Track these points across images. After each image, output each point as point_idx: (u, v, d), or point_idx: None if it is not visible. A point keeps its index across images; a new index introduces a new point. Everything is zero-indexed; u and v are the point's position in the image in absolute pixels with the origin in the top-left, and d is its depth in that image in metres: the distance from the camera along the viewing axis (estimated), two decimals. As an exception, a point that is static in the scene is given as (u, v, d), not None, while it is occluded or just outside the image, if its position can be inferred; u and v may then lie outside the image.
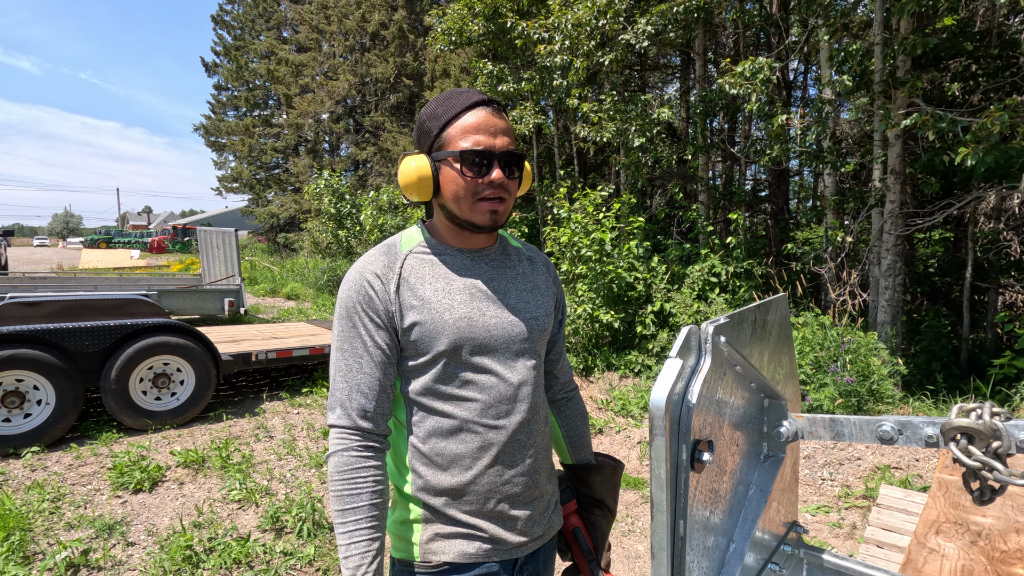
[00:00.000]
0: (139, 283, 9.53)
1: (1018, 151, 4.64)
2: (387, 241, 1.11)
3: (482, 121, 1.02)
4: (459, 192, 1.02)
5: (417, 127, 1.08)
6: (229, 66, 26.93)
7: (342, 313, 1.03)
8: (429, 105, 1.07)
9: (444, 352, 1.01)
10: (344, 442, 0.98)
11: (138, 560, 2.76)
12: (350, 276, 1.04)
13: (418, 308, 1.01)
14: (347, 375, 1.00)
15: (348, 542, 0.96)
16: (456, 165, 1.01)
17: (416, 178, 1.03)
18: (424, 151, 1.07)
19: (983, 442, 0.91)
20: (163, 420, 4.54)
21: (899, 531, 2.45)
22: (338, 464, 0.98)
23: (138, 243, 36.81)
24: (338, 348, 1.02)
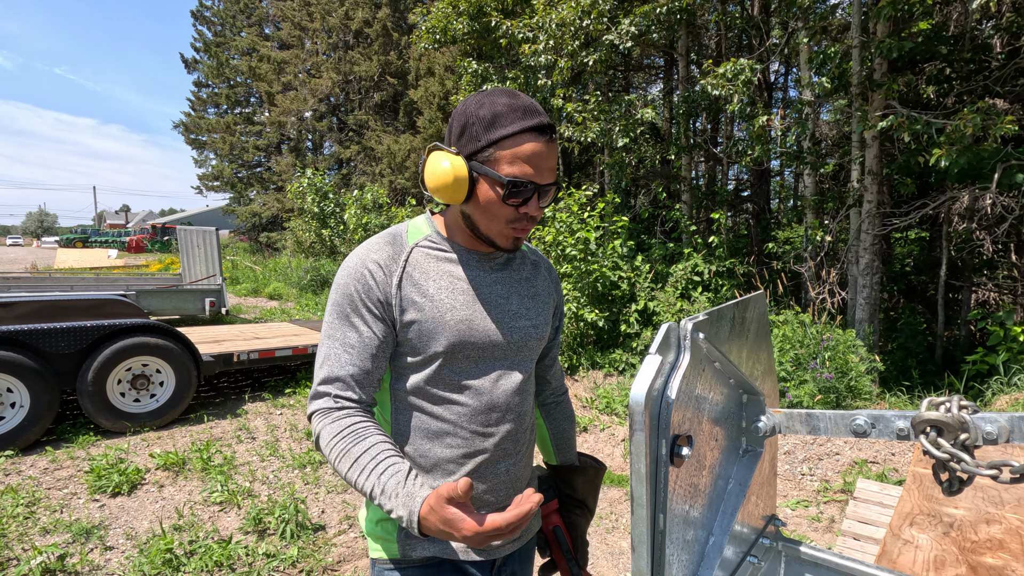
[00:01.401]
0: (117, 283, 9.34)
1: (990, 153, 4.76)
2: (392, 230, 1.06)
3: (537, 153, 0.95)
4: (492, 213, 0.98)
5: (461, 123, 0.97)
6: (209, 63, 26.51)
7: (338, 300, 0.98)
8: (482, 104, 0.95)
9: (440, 353, 0.99)
10: (335, 411, 0.94)
11: (117, 564, 2.71)
12: (350, 262, 0.99)
13: (419, 305, 0.98)
14: (336, 362, 0.96)
15: (382, 480, 0.88)
16: (498, 189, 0.95)
17: (452, 181, 0.95)
18: (462, 154, 0.97)
19: (952, 434, 0.94)
20: (142, 422, 4.47)
21: (875, 523, 2.50)
22: (334, 429, 0.92)
23: (116, 242, 36.09)
24: (329, 335, 0.98)
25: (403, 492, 0.86)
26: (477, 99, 0.96)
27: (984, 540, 1.95)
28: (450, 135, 1.00)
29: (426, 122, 16.31)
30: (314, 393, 0.97)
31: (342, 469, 0.91)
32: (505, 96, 0.96)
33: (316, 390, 0.96)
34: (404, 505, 0.85)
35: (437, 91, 15.73)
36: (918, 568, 1.80)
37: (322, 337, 0.99)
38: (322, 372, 0.96)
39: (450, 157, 0.95)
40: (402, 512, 0.85)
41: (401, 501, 0.86)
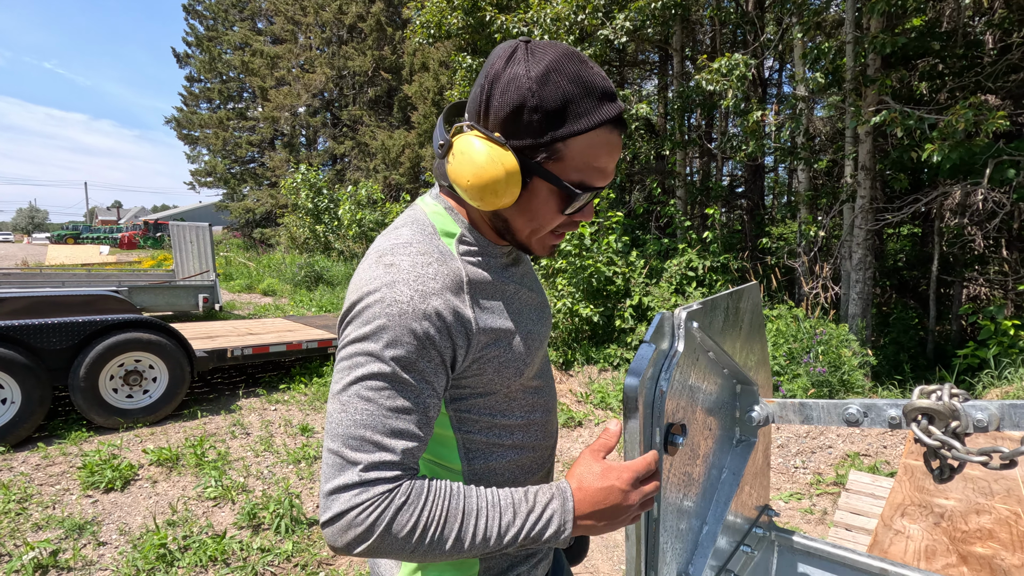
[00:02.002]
0: (109, 279, 9.28)
1: (981, 148, 4.79)
2: (418, 235, 0.78)
3: (611, 152, 0.74)
4: (540, 221, 0.78)
5: (513, 102, 0.69)
6: (202, 57, 26.31)
7: (391, 349, 0.68)
8: (546, 79, 0.69)
9: (519, 380, 0.83)
10: (385, 494, 0.67)
11: (110, 560, 2.70)
12: (403, 296, 0.69)
13: (493, 337, 0.78)
14: (387, 436, 0.68)
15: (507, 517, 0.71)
16: (553, 198, 0.75)
17: (501, 184, 0.71)
18: (511, 145, 0.72)
19: (943, 422, 0.95)
20: (135, 418, 4.44)
21: (867, 514, 2.53)
22: (406, 511, 0.67)
23: (108, 239, 35.83)
24: (368, 398, 0.68)
25: (539, 494, 0.74)
26: (537, 68, 0.69)
27: (974, 530, 1.98)
28: (489, 111, 0.72)
29: (420, 117, 16.26)
30: (356, 482, 0.66)
31: (448, 533, 0.68)
32: (575, 65, 0.70)
33: (362, 477, 0.66)
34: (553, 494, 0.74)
35: (432, 86, 15.68)
36: (909, 558, 1.82)
37: (346, 394, 0.69)
38: (364, 452, 0.67)
39: (496, 149, 0.71)
40: (555, 507, 0.73)
41: (543, 501, 0.73)
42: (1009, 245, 7.52)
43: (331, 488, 0.67)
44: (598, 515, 0.74)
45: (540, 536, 0.72)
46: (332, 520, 0.66)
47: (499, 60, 0.72)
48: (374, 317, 0.69)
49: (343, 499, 0.66)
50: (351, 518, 0.65)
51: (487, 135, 0.72)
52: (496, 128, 0.72)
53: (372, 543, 0.66)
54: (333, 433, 0.69)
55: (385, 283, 0.70)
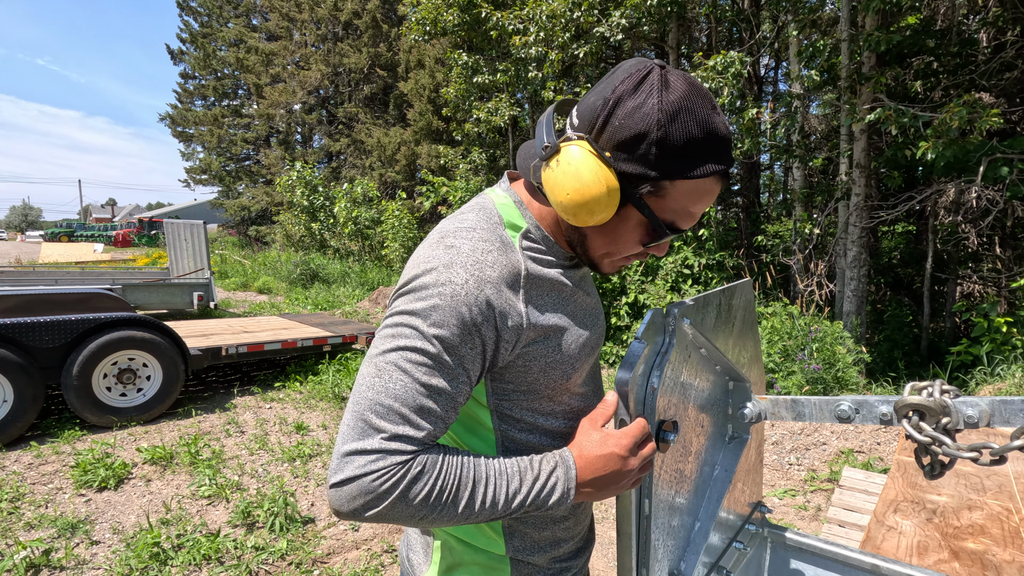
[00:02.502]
0: (103, 277, 9.23)
1: (975, 146, 4.81)
2: (483, 222, 0.78)
3: (710, 198, 0.75)
4: (618, 246, 0.79)
5: (635, 129, 0.68)
6: (196, 54, 26.16)
7: (431, 330, 0.68)
8: (676, 115, 0.67)
9: (566, 383, 0.83)
10: (400, 464, 0.66)
11: (103, 559, 2.69)
12: (459, 278, 0.69)
13: (545, 334, 0.78)
14: (416, 412, 0.68)
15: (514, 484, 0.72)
16: (640, 229, 0.76)
17: (602, 203, 0.70)
18: (617, 167, 0.70)
19: (933, 418, 0.95)
20: (129, 417, 4.42)
21: (860, 510, 2.54)
22: (420, 481, 0.67)
23: (102, 237, 35.65)
24: (404, 369, 0.68)
25: (544, 463, 0.75)
26: (667, 99, 0.67)
27: (966, 526, 1.98)
28: (606, 128, 0.70)
29: (416, 115, 16.22)
30: (376, 449, 0.65)
31: (459, 499, 0.69)
32: (706, 109, 0.69)
33: (382, 445, 0.66)
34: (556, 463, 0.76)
35: (427, 83, 15.64)
36: (901, 553, 1.82)
37: (384, 363, 0.69)
38: (390, 422, 0.66)
39: (604, 171, 0.69)
40: (558, 475, 0.75)
41: (548, 470, 0.75)
42: (1002, 243, 7.56)
43: (348, 450, 0.66)
44: (599, 481, 0.77)
45: (545, 503, 0.74)
46: (343, 483, 0.65)
47: (629, 80, 0.69)
48: (427, 295, 0.69)
49: (358, 463, 0.65)
50: (363, 484, 0.65)
51: (597, 152, 0.70)
52: (608, 147, 0.71)
53: (381, 510, 0.66)
54: (362, 396, 0.68)
55: (443, 263, 0.71)
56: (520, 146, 0.85)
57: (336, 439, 0.69)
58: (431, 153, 15.17)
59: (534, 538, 0.88)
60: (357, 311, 9.52)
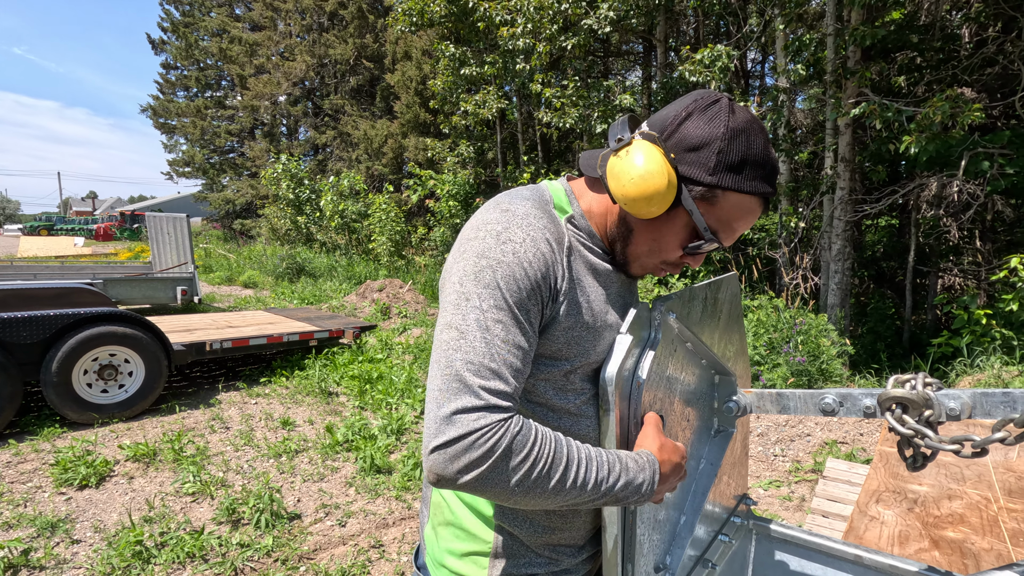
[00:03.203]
0: (83, 271, 9.06)
1: (957, 141, 4.87)
2: (535, 195, 0.84)
3: (749, 220, 0.83)
4: (659, 245, 0.84)
5: (702, 136, 0.76)
6: (178, 44, 25.67)
7: (503, 282, 0.72)
8: (738, 134, 0.76)
9: (587, 364, 0.84)
10: (503, 422, 0.67)
11: (84, 558, 2.65)
12: (517, 237, 0.74)
13: (580, 305, 0.81)
14: (508, 368, 0.70)
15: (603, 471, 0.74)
16: (685, 232, 0.82)
17: (657, 196, 0.76)
18: (678, 168, 0.78)
19: (916, 411, 0.95)
20: (111, 413, 4.35)
21: (843, 501, 2.57)
22: (519, 443, 0.67)
23: (83, 230, 34.98)
24: (487, 327, 0.70)
25: (631, 461, 0.79)
26: (733, 122, 0.76)
27: (946, 515, 2.02)
28: (675, 134, 0.78)
29: (403, 107, 16.08)
30: (477, 406, 0.67)
31: (554, 472, 0.70)
32: (763, 139, 0.78)
33: (485, 401, 0.67)
34: (645, 464, 0.79)
35: (414, 75, 15.49)
36: (883, 543, 1.85)
37: (465, 324, 0.71)
38: (485, 378, 0.68)
39: (667, 168, 0.76)
40: (645, 467, 0.79)
41: (633, 458, 0.79)
42: (983, 236, 7.69)
43: (452, 410, 0.66)
44: (667, 486, 0.83)
45: (626, 498, 0.77)
46: (450, 442, 0.65)
47: (701, 101, 0.79)
48: (492, 255, 0.73)
49: (465, 421, 0.66)
50: (471, 441, 0.65)
51: (664, 151, 0.78)
52: (674, 151, 0.78)
53: (484, 471, 0.66)
54: (450, 359, 0.69)
55: (502, 225, 0.76)
56: (582, 153, 0.92)
57: (428, 406, 0.69)
58: (418, 146, 15.06)
59: (524, 512, 0.87)
60: (344, 305, 9.45)
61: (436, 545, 0.92)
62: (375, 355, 6.18)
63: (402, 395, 4.99)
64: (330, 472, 3.64)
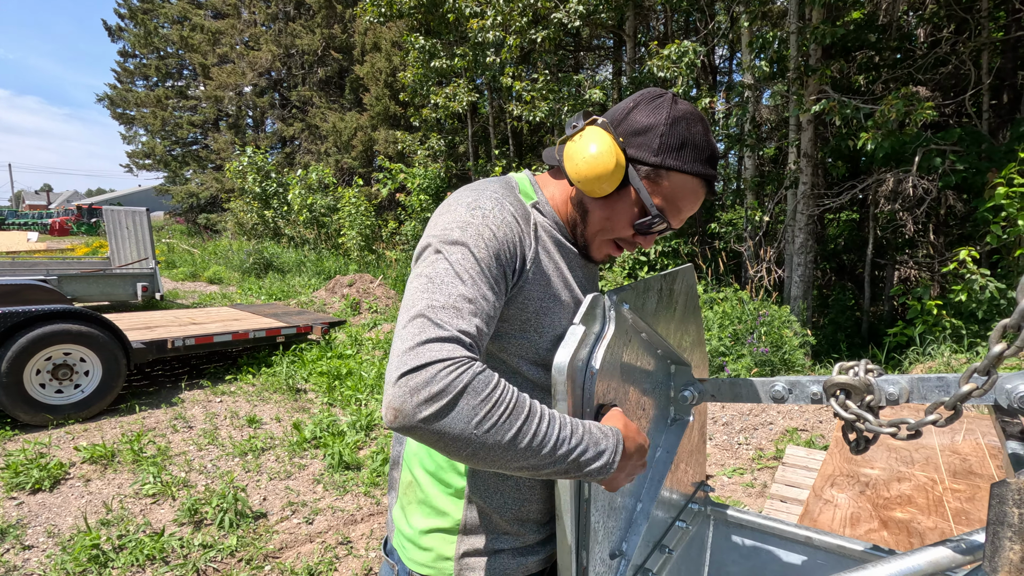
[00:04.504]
0: (36, 268, 8.69)
1: (911, 138, 5.05)
2: (502, 182, 0.91)
3: (693, 202, 0.89)
4: (611, 224, 0.90)
5: (646, 122, 0.85)
6: (136, 31, 24.72)
7: (473, 244, 0.75)
8: (679, 120, 0.84)
9: (555, 333, 0.88)
10: (467, 359, 0.67)
11: (36, 564, 2.55)
12: (486, 205, 0.80)
13: (550, 281, 0.87)
14: (481, 315, 0.72)
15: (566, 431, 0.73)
16: (635, 209, 0.88)
17: (608, 174, 0.83)
18: (626, 151, 0.86)
19: (859, 396, 0.99)
20: (66, 414, 4.19)
21: (800, 486, 2.66)
22: (481, 382, 0.66)
23: (37, 225, 33.53)
24: (461, 279, 0.73)
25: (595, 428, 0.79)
26: (674, 111, 0.85)
27: (895, 496, 2.11)
28: (621, 121, 0.87)
29: (373, 99, 15.84)
30: (442, 337, 0.67)
31: (513, 421, 0.68)
32: (702, 127, 0.87)
33: (450, 334, 0.67)
34: (609, 434, 0.79)
35: (384, 67, 15.27)
36: (836, 525, 1.92)
37: (434, 272, 0.73)
38: (451, 316, 0.69)
39: (615, 148, 0.84)
40: (611, 443, 0.78)
41: (599, 432, 0.78)
42: (936, 230, 8.00)
43: (417, 342, 0.66)
44: (628, 469, 0.82)
45: (587, 464, 0.75)
46: (414, 371, 0.64)
47: (647, 96, 0.88)
48: (462, 218, 0.79)
49: (430, 351, 0.65)
50: (435, 371, 0.64)
51: (614, 135, 0.86)
52: (622, 135, 0.87)
53: (443, 405, 0.64)
54: (416, 301, 0.71)
55: (472, 198, 0.83)
56: (545, 150, 0.98)
57: (394, 344, 0.69)
58: (388, 139, 14.87)
59: (496, 485, 0.89)
60: (313, 301, 9.29)
61: (405, 523, 0.94)
62: (344, 351, 6.11)
63: (372, 391, 4.94)
64: (297, 470, 3.58)
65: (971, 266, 4.85)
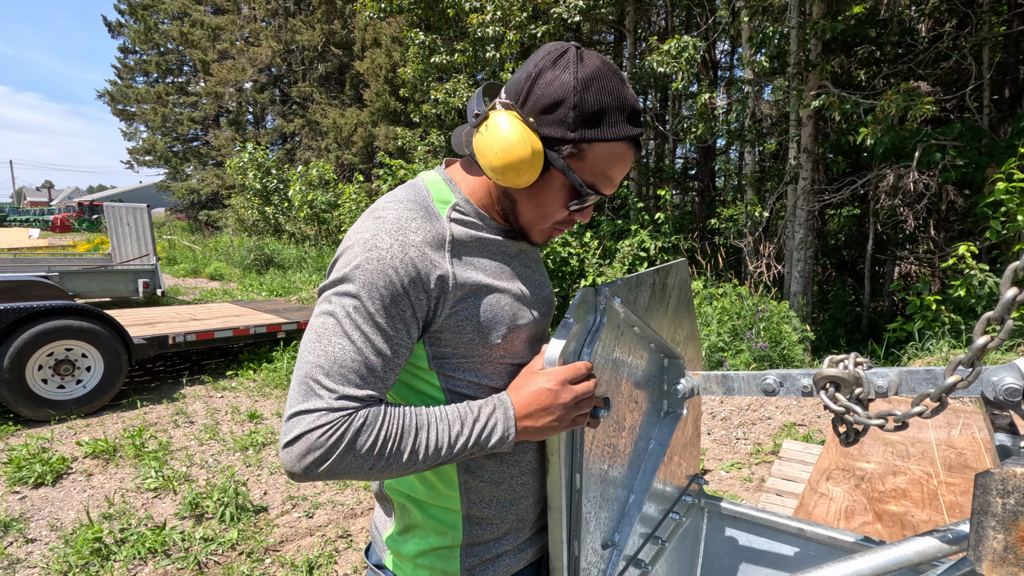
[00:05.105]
0: (38, 264, 8.72)
1: (911, 133, 5.04)
2: (414, 195, 0.83)
3: (624, 166, 0.81)
4: (544, 210, 0.84)
5: (554, 96, 0.76)
6: (136, 27, 24.68)
7: (363, 292, 0.72)
8: (589, 84, 0.75)
9: (500, 344, 0.84)
10: (344, 416, 0.70)
11: (39, 556, 2.58)
12: (382, 243, 0.74)
13: (477, 295, 0.81)
14: (355, 373, 0.71)
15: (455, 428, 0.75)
16: (564, 191, 0.82)
17: (526, 163, 0.75)
18: (541, 133, 0.77)
19: (848, 389, 1.00)
20: (68, 410, 4.22)
21: (797, 480, 2.67)
22: (362, 431, 0.69)
23: (38, 222, 33.59)
24: (344, 333, 0.71)
25: (483, 405, 0.79)
26: (582, 71, 0.76)
27: (890, 490, 2.12)
28: (527, 96, 0.78)
29: (373, 95, 15.82)
30: (320, 408, 0.69)
31: (404, 446, 0.72)
32: (617, 81, 0.77)
33: (327, 403, 0.69)
34: (496, 404, 0.79)
35: (384, 63, 15.24)
36: (830, 518, 1.94)
37: (323, 328, 0.73)
38: (333, 381, 0.70)
39: (528, 134, 0.75)
40: (498, 416, 0.78)
41: (487, 412, 0.78)
42: (938, 225, 7.99)
43: (296, 411, 0.69)
44: (535, 415, 0.79)
45: (487, 443, 0.77)
46: (292, 441, 0.68)
47: (548, 56, 0.78)
48: (357, 263, 0.73)
49: (306, 421, 0.68)
50: (311, 440, 0.68)
51: (523, 118, 0.77)
52: (532, 115, 0.78)
53: (331, 464, 0.68)
54: (305, 361, 0.72)
55: (371, 233, 0.76)
56: (455, 129, 0.91)
57: (287, 402, 0.72)
58: (389, 135, 14.86)
59: (491, 494, 0.89)
60: (314, 297, 9.31)
61: (402, 546, 0.91)
62: (345, 347, 6.12)
63: (372, 386, 4.97)
64: (298, 464, 3.60)
65: (970, 261, 4.85)
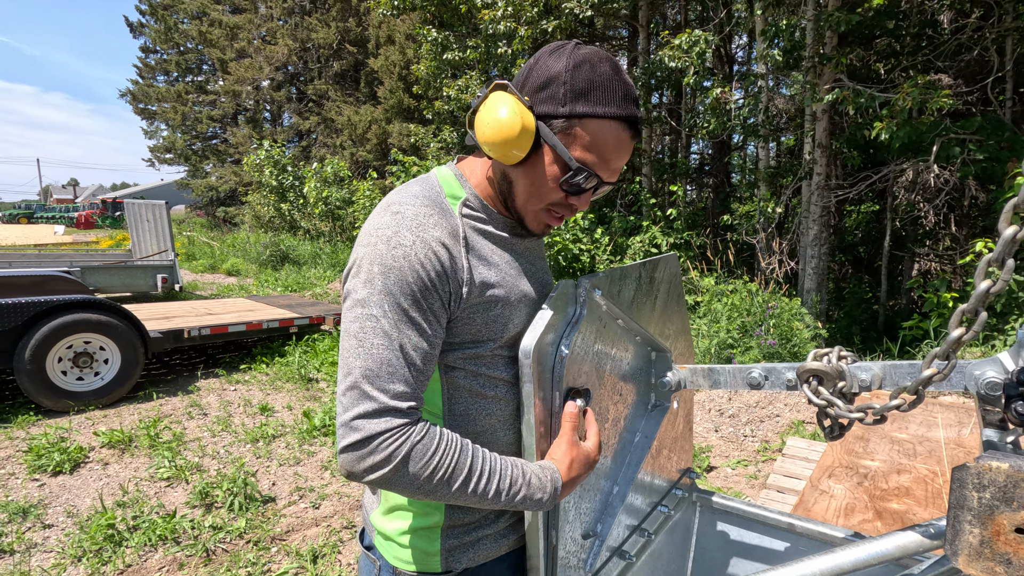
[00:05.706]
0: (61, 259, 8.94)
1: (928, 127, 4.93)
2: (429, 192, 0.86)
3: (618, 147, 0.82)
4: (538, 190, 0.84)
5: (546, 75, 0.80)
6: (157, 27, 25.10)
7: (392, 288, 0.75)
8: (580, 64, 0.79)
9: (512, 337, 0.87)
10: (413, 425, 0.74)
11: (55, 541, 2.66)
12: (404, 240, 0.77)
13: (491, 288, 0.84)
14: (401, 370, 0.75)
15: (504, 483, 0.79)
16: (559, 168, 0.82)
17: (515, 137, 0.78)
18: (535, 111, 0.80)
19: (831, 383, 0.99)
20: (86, 401, 4.34)
21: (799, 477, 2.65)
22: (420, 450, 0.73)
23: (63, 218, 34.42)
24: (383, 332, 0.74)
25: (535, 470, 0.84)
26: (575, 55, 0.80)
27: (893, 488, 2.10)
28: (525, 80, 0.82)
29: (387, 92, 15.91)
30: (376, 410, 0.72)
31: (455, 483, 0.76)
32: (609, 66, 0.80)
33: (384, 405, 0.72)
34: (547, 482, 0.83)
35: (398, 60, 15.31)
36: (830, 515, 1.92)
37: (362, 332, 0.75)
38: (383, 383, 0.73)
39: (521, 108, 0.79)
40: (547, 486, 0.83)
41: (538, 475, 0.83)
42: (959, 221, 7.81)
43: (353, 415, 0.72)
44: (576, 481, 0.88)
45: (522, 504, 0.82)
46: (353, 446, 0.72)
47: (549, 48, 0.83)
48: (384, 261, 0.76)
49: (367, 426, 0.72)
50: (374, 445, 0.71)
51: (518, 96, 0.80)
52: (527, 94, 0.82)
53: (387, 472, 0.72)
54: (350, 367, 0.75)
55: (393, 231, 0.78)
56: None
57: (336, 412, 0.75)
58: (402, 132, 14.93)
59: None
60: (328, 292, 9.42)
61: (385, 524, 0.94)
62: (356, 341, 6.19)
63: (381, 380, 5.02)
64: (306, 456, 3.67)
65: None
